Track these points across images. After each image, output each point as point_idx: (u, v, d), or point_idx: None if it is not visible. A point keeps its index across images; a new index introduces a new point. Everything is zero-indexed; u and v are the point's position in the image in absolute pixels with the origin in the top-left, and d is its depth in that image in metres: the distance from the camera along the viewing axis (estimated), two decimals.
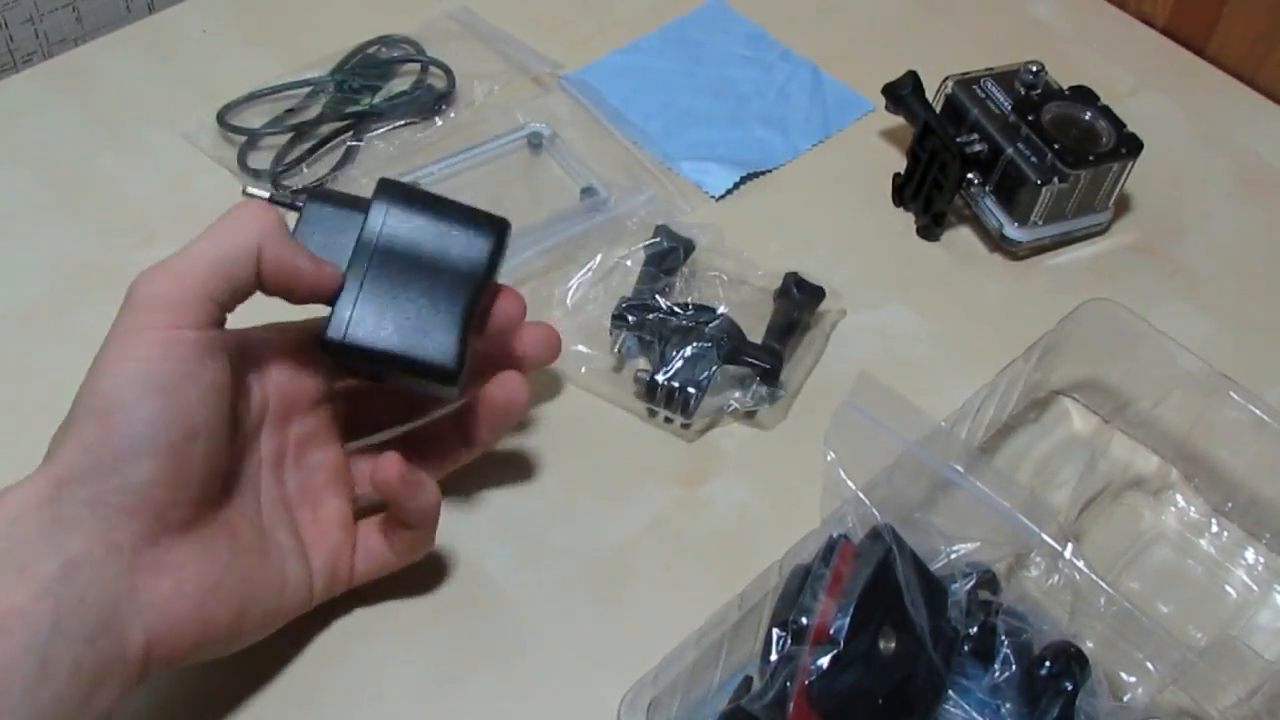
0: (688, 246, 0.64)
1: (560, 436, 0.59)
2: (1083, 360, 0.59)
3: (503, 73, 0.76)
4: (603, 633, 0.52)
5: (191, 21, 0.79)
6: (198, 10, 0.79)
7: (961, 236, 0.69)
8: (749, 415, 0.60)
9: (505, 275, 0.64)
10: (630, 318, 0.60)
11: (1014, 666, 0.46)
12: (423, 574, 0.54)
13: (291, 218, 0.49)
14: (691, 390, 0.57)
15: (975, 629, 0.47)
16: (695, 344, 0.58)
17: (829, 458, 0.48)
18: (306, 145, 0.70)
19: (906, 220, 0.70)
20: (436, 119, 0.73)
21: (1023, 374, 0.57)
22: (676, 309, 0.60)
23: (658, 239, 0.63)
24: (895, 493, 0.48)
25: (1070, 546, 0.47)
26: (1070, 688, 0.45)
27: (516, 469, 0.58)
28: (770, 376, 0.59)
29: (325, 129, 0.71)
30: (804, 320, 0.62)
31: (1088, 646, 0.47)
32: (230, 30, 0.78)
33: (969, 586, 0.46)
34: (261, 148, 0.71)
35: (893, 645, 0.43)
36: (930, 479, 0.48)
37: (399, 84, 0.74)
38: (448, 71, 0.75)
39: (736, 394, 0.58)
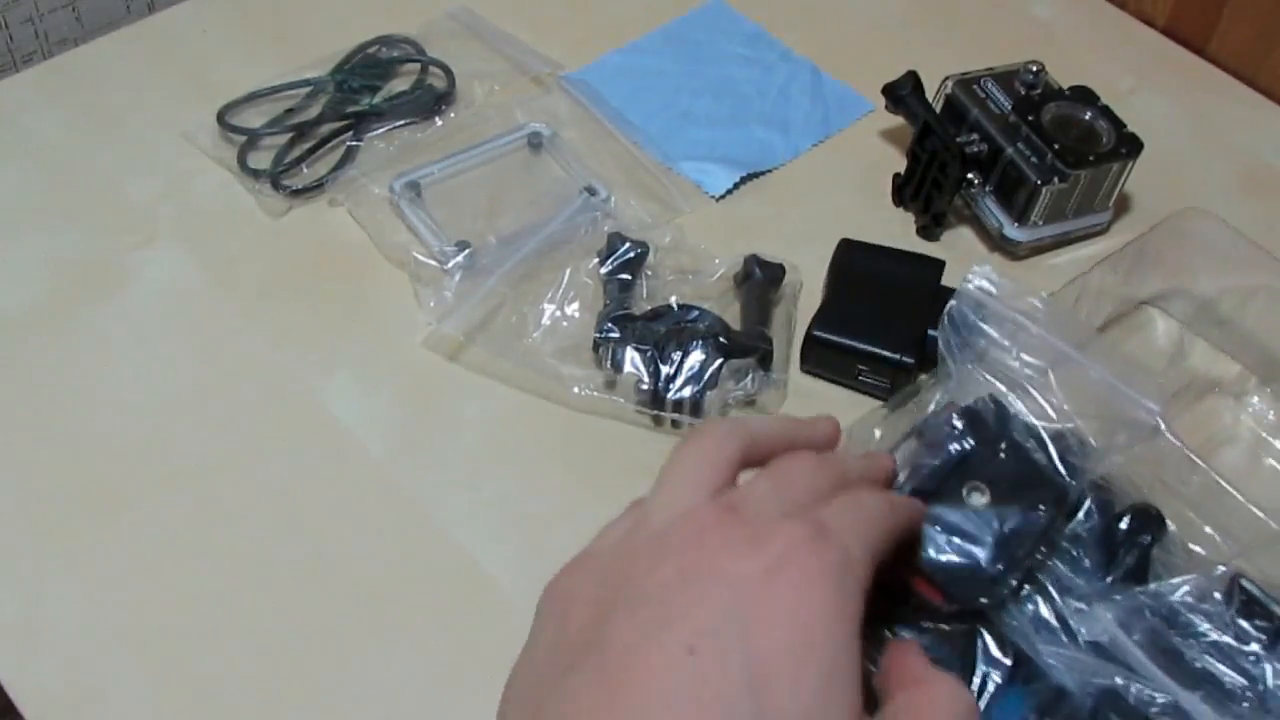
0: (643, 250, 0.64)
1: (561, 436, 0.59)
2: (1169, 269, 0.60)
3: (503, 73, 0.76)
4: None
5: (191, 21, 0.79)
6: (198, 10, 0.79)
7: (961, 236, 0.69)
8: (749, 404, 0.60)
9: (503, 278, 0.64)
10: (617, 332, 0.59)
11: (1095, 519, 0.48)
12: (423, 574, 0.54)
13: None
14: (700, 391, 0.57)
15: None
16: (692, 343, 0.58)
17: (940, 347, 0.51)
18: (306, 145, 0.70)
19: (906, 220, 0.70)
20: (436, 119, 0.73)
21: (1112, 281, 0.58)
22: (659, 312, 0.60)
23: (616, 248, 0.63)
24: (1005, 370, 0.50)
25: (1161, 421, 0.48)
26: (1148, 541, 0.47)
27: (518, 469, 0.58)
28: (766, 361, 0.59)
29: (325, 129, 0.71)
30: (771, 299, 0.62)
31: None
32: (230, 30, 0.78)
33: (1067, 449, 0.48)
34: (261, 148, 0.71)
35: (985, 500, 0.45)
36: (1049, 353, 0.50)
37: (399, 84, 0.74)
38: (448, 71, 0.75)
39: (730, 384, 0.59)
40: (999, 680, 0.44)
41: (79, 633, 0.52)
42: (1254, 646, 0.45)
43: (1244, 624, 0.45)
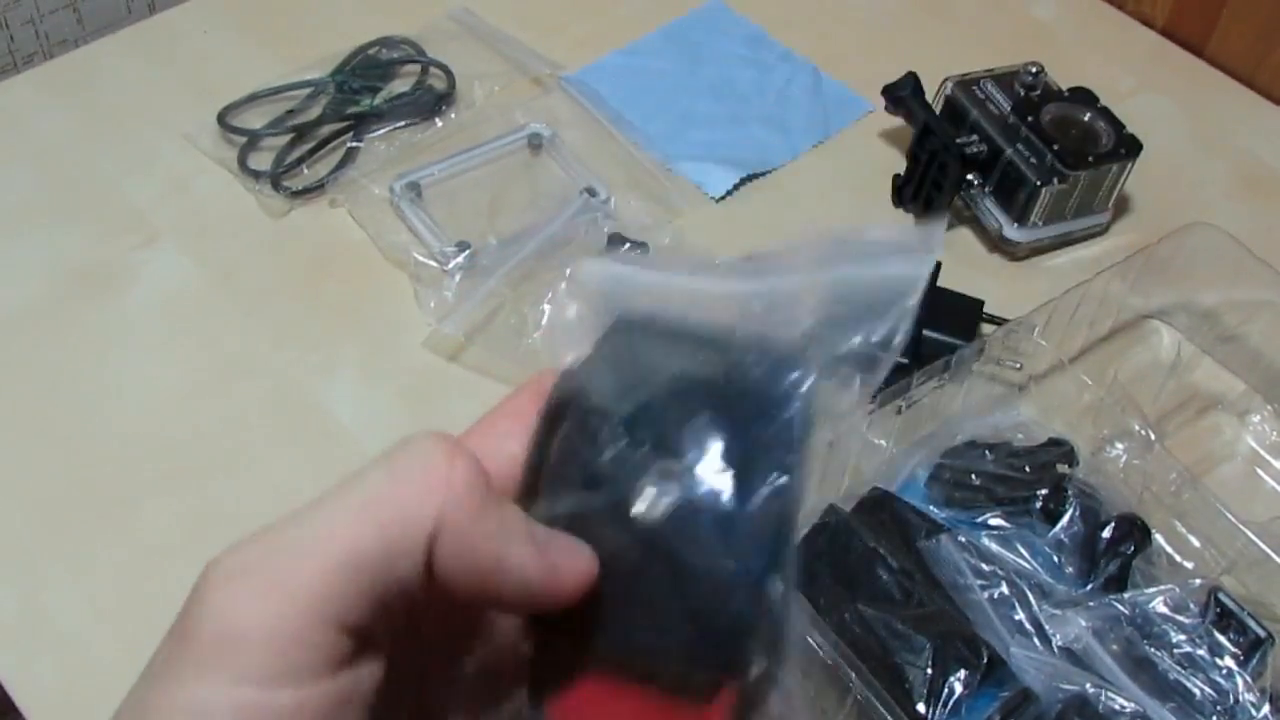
0: (643, 250, 0.64)
1: None
2: (1174, 283, 0.60)
3: (503, 73, 0.76)
4: None
5: (192, 22, 0.79)
6: (198, 11, 0.79)
7: (961, 237, 0.69)
8: None
9: (502, 278, 0.64)
10: None
11: (1079, 527, 0.48)
12: None
13: None
14: None
15: (1047, 490, 0.49)
16: None
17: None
18: (307, 146, 0.70)
19: (906, 221, 0.70)
20: (437, 120, 0.73)
21: (1116, 291, 0.58)
22: None
23: (616, 248, 0.63)
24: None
25: (1149, 430, 0.49)
26: (1130, 551, 0.48)
27: None
28: None
29: (326, 130, 0.71)
30: None
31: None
32: (231, 31, 0.78)
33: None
34: (262, 149, 0.71)
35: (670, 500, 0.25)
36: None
37: (399, 85, 0.74)
38: (448, 72, 0.75)
39: None
40: (972, 680, 0.44)
41: (79, 633, 0.52)
42: (1227, 660, 0.44)
43: (1219, 637, 0.45)
